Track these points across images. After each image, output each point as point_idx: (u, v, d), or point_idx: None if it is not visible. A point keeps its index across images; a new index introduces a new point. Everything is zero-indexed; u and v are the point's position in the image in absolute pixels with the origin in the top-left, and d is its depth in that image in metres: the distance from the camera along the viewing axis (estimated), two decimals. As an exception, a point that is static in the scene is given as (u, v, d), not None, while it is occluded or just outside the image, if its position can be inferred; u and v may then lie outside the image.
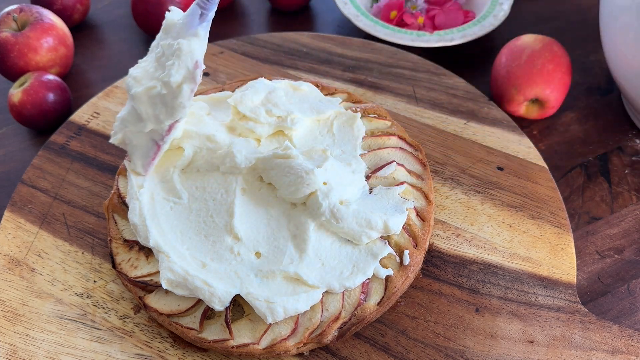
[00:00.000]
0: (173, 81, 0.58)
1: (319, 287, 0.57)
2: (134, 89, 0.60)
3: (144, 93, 0.60)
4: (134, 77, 0.61)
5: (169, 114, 0.60)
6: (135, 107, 0.61)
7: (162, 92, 0.59)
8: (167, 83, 0.58)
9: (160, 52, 0.60)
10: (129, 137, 0.63)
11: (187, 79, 0.58)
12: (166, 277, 0.57)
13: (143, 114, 0.61)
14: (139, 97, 0.60)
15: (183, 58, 0.58)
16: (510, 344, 0.58)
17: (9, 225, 0.68)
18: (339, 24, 0.99)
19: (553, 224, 0.66)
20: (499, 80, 0.79)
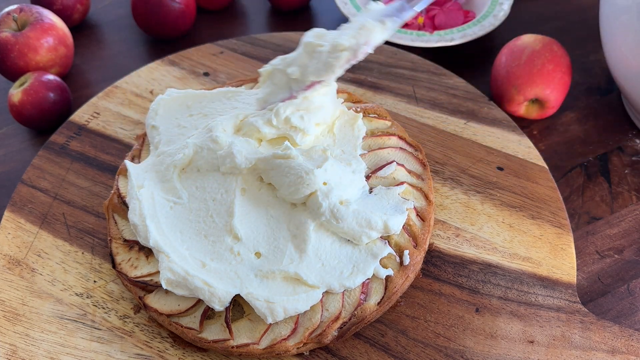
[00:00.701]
0: (340, 42, 0.62)
1: (319, 287, 0.57)
2: (309, 39, 0.65)
3: (313, 45, 0.64)
4: (317, 34, 0.65)
5: (318, 71, 0.63)
6: (300, 53, 0.65)
7: (325, 50, 0.63)
8: (334, 44, 0.62)
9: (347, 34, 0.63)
10: (275, 74, 0.67)
11: (351, 48, 0.62)
12: (166, 277, 0.57)
13: (298, 61, 0.65)
14: (307, 45, 0.64)
15: (361, 32, 0.62)
16: (510, 344, 0.58)
17: (9, 225, 0.68)
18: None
19: (553, 224, 0.66)
20: (499, 80, 0.79)
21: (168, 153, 0.67)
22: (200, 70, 0.85)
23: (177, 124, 0.70)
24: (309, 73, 0.64)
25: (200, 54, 0.87)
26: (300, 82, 0.65)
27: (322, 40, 0.64)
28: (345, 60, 0.62)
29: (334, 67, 0.62)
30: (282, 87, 0.67)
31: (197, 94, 0.73)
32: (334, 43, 0.62)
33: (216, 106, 0.71)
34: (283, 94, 0.67)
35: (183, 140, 0.67)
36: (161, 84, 0.83)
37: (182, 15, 0.92)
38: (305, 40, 0.65)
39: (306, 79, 0.64)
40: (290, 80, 0.66)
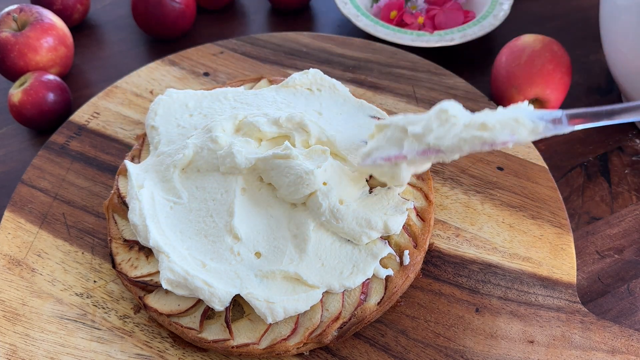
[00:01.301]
0: (485, 122, 0.52)
1: (319, 287, 0.57)
2: (447, 107, 0.55)
3: (449, 114, 0.54)
4: (456, 107, 0.56)
5: (442, 140, 0.54)
6: (430, 116, 0.56)
7: (462, 123, 0.54)
8: (477, 120, 0.53)
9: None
10: (392, 129, 0.59)
11: (492, 132, 0.52)
12: (166, 277, 0.57)
13: (425, 123, 0.56)
14: (442, 113, 0.55)
15: (511, 123, 0.52)
16: (510, 344, 0.58)
17: (9, 225, 0.68)
18: (339, 24, 0.99)
19: (553, 224, 0.66)
20: (499, 80, 0.79)
21: (168, 153, 0.67)
22: (200, 70, 0.85)
23: (177, 124, 0.70)
24: (433, 137, 0.54)
25: (200, 54, 0.87)
26: (417, 143, 0.56)
27: (460, 114, 0.55)
28: (480, 142, 0.52)
29: (464, 144, 0.53)
30: (394, 143, 0.58)
31: (196, 94, 0.73)
32: (478, 119, 0.53)
33: (216, 106, 0.71)
34: (392, 150, 0.58)
35: (183, 141, 0.67)
36: (161, 84, 0.83)
37: (182, 15, 0.92)
38: (441, 107, 0.55)
39: (426, 142, 0.55)
40: (407, 139, 0.57)
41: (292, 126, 0.65)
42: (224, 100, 0.72)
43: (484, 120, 0.53)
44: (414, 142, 0.56)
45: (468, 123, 0.53)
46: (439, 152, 0.55)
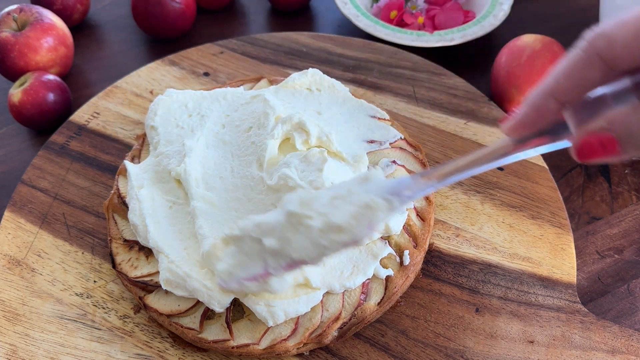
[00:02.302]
0: (335, 222, 0.46)
1: (320, 288, 0.57)
2: (293, 207, 0.47)
3: (299, 217, 0.47)
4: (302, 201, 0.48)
5: (304, 250, 0.47)
6: (281, 222, 0.48)
7: (317, 226, 0.46)
8: (329, 223, 0.46)
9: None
10: (246, 241, 0.50)
11: (349, 231, 0.46)
12: (165, 277, 0.57)
13: (278, 232, 0.48)
14: (292, 216, 0.47)
15: (363, 211, 0.46)
16: (510, 344, 0.58)
17: (9, 225, 0.68)
18: (339, 24, 0.99)
19: (553, 224, 0.66)
20: (499, 80, 0.79)
21: (166, 154, 0.67)
22: (200, 70, 0.85)
23: (176, 124, 0.70)
24: (293, 250, 0.47)
25: (200, 54, 0.87)
26: (279, 257, 0.48)
27: (310, 209, 0.47)
28: (342, 244, 0.46)
29: (326, 251, 0.46)
30: (254, 258, 0.50)
31: (196, 94, 0.73)
32: (328, 221, 0.46)
33: (214, 107, 0.71)
34: (254, 267, 0.50)
35: (181, 141, 0.67)
36: (161, 84, 0.83)
37: (182, 15, 0.92)
38: (288, 209, 0.47)
39: (288, 256, 0.48)
40: (266, 253, 0.49)
41: (292, 127, 0.65)
42: (223, 100, 0.72)
43: (334, 221, 0.45)
44: (276, 257, 0.48)
45: (321, 227, 0.46)
46: (306, 262, 0.48)
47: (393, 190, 0.46)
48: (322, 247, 0.47)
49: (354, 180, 0.48)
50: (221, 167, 0.65)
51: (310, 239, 0.47)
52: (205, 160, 0.65)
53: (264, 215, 0.50)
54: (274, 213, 0.49)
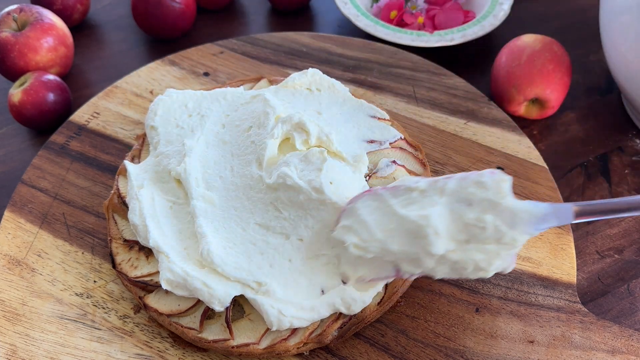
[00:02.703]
0: (485, 266, 0.49)
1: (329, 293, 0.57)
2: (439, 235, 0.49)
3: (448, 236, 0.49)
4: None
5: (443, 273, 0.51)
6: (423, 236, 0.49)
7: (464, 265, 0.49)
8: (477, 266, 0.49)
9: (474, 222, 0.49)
10: (375, 245, 0.52)
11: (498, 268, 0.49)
12: (166, 277, 0.57)
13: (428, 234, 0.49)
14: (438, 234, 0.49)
15: (511, 252, 0.49)
16: (510, 344, 0.58)
17: (9, 225, 0.68)
18: (339, 24, 0.99)
19: (553, 224, 0.66)
20: (499, 80, 0.79)
21: (167, 154, 0.67)
22: (200, 70, 0.85)
23: (176, 124, 0.70)
24: (431, 270, 0.51)
25: (200, 54, 0.87)
26: (413, 269, 0.52)
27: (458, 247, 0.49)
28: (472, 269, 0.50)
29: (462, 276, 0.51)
30: (382, 265, 0.53)
31: (196, 94, 0.73)
32: (476, 266, 0.49)
33: (214, 107, 0.71)
34: (385, 271, 0.54)
35: (181, 141, 0.67)
36: (161, 84, 0.83)
37: (182, 15, 0.92)
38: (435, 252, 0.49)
39: (424, 271, 0.51)
40: (399, 263, 0.52)
41: (292, 126, 0.65)
42: (222, 100, 0.72)
43: (482, 267, 0.49)
44: (410, 268, 0.52)
45: (470, 271, 0.50)
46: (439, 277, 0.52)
47: (538, 224, 0.48)
48: (464, 276, 0.50)
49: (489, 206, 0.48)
50: (221, 166, 0.65)
51: (452, 269, 0.50)
52: (205, 160, 0.65)
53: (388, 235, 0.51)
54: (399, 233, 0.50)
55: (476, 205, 0.48)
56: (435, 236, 0.48)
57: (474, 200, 0.48)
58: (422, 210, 0.50)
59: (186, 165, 0.63)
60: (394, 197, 0.52)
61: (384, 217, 0.52)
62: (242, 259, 0.58)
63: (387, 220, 0.51)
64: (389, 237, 0.51)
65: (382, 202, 0.52)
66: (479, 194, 0.48)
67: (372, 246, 0.52)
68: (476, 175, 0.49)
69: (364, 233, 0.52)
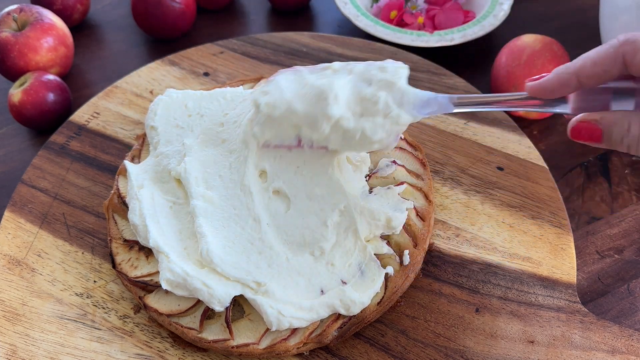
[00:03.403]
0: (370, 136, 0.55)
1: (330, 292, 0.57)
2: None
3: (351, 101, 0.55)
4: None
5: (336, 142, 0.57)
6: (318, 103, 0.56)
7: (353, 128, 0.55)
8: (364, 136, 0.55)
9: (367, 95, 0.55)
10: (283, 103, 0.58)
11: (380, 143, 0.55)
12: (166, 277, 0.57)
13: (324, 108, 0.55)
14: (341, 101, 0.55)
15: (392, 127, 0.55)
16: (510, 344, 0.58)
17: (9, 225, 0.68)
18: (339, 24, 0.99)
19: (553, 224, 0.66)
20: (499, 80, 0.79)
21: (166, 154, 0.67)
22: (200, 70, 0.85)
23: (176, 124, 0.70)
24: (326, 139, 0.57)
25: (200, 54, 0.87)
26: (312, 137, 0.58)
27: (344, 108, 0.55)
28: (371, 149, 0.56)
29: (356, 149, 0.57)
30: (288, 129, 0.59)
31: (195, 94, 0.73)
32: (364, 134, 0.55)
33: (214, 106, 0.71)
34: (288, 138, 0.60)
35: (181, 141, 0.67)
36: (161, 84, 0.83)
37: (182, 15, 0.92)
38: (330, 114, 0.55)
39: (321, 140, 0.57)
40: (300, 129, 0.58)
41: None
42: (222, 100, 0.72)
43: (370, 137, 0.55)
44: (309, 136, 0.58)
45: (358, 137, 0.55)
46: (335, 150, 0.58)
47: (422, 106, 0.55)
48: (352, 147, 0.57)
49: (385, 85, 0.55)
50: (220, 165, 0.65)
51: (343, 138, 0.56)
52: (205, 159, 0.65)
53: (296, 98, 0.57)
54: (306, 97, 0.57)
55: (375, 84, 0.55)
56: (334, 100, 0.55)
57: (374, 80, 0.55)
58: (329, 80, 0.57)
59: (186, 164, 0.63)
60: (310, 72, 0.59)
61: (297, 85, 0.58)
62: (241, 259, 0.58)
63: (299, 87, 0.58)
64: (296, 98, 0.57)
65: (298, 75, 0.59)
66: (379, 75, 0.55)
67: (280, 105, 0.57)
68: (381, 62, 0.57)
69: (276, 94, 0.58)
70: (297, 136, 0.59)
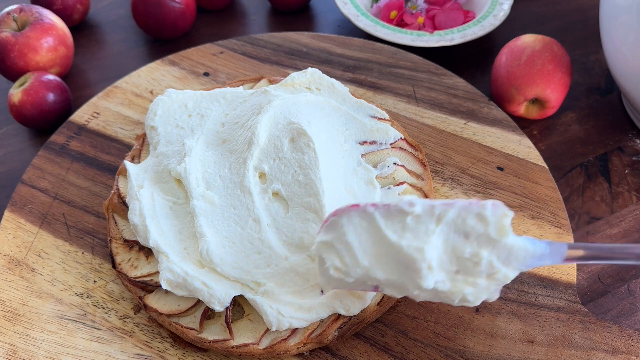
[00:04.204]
0: (473, 300, 0.47)
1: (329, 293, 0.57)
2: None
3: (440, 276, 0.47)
4: None
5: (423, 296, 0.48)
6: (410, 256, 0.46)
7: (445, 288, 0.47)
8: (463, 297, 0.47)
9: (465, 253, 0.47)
10: (358, 271, 0.49)
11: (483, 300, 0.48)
12: (165, 277, 0.57)
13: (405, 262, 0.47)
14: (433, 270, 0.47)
15: (498, 286, 0.47)
16: (510, 344, 0.58)
17: (9, 225, 0.68)
18: (339, 24, 0.99)
19: (553, 224, 0.66)
20: (499, 80, 0.79)
21: (166, 154, 0.67)
22: (200, 70, 0.85)
23: (176, 124, 0.70)
24: (411, 293, 0.48)
25: (200, 54, 0.87)
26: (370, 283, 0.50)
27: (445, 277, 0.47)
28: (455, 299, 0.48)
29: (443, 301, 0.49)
30: (362, 286, 0.51)
31: (195, 94, 0.73)
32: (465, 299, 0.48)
33: (214, 106, 0.71)
34: (363, 287, 0.51)
35: (181, 141, 0.67)
36: (161, 84, 0.83)
37: (182, 15, 0.92)
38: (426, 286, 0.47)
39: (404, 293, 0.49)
40: (378, 283, 0.49)
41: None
42: (222, 100, 0.72)
43: (468, 299, 0.47)
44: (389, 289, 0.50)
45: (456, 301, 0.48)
46: None
47: (532, 261, 0.46)
48: (447, 302, 0.48)
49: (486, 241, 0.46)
50: (220, 165, 0.65)
51: (437, 296, 0.48)
52: (205, 160, 0.65)
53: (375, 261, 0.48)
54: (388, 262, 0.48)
55: (474, 239, 0.46)
56: (428, 270, 0.46)
57: (472, 234, 0.46)
58: (417, 241, 0.46)
59: (186, 164, 0.63)
60: (385, 219, 0.47)
61: (372, 241, 0.48)
62: (241, 259, 0.58)
63: (376, 244, 0.47)
64: (375, 263, 0.48)
65: (371, 223, 0.47)
66: (479, 228, 0.46)
67: (354, 272, 0.48)
68: (478, 207, 0.46)
69: (347, 256, 0.48)
70: (375, 287, 0.50)
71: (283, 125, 0.64)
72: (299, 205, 0.60)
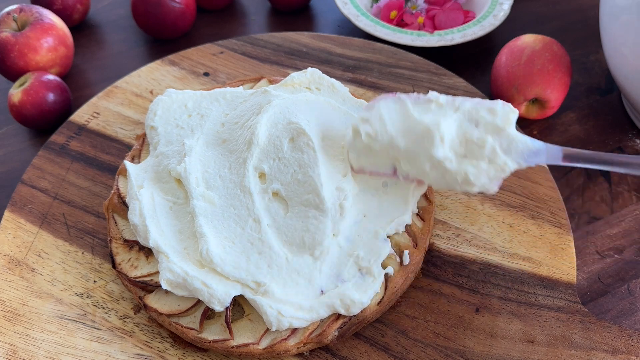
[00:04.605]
0: (469, 180, 0.54)
1: (329, 294, 0.57)
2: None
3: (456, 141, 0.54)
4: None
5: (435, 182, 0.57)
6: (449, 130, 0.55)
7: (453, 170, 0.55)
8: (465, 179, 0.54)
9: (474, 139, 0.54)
10: (385, 137, 0.57)
11: (482, 187, 0.55)
12: (166, 277, 0.57)
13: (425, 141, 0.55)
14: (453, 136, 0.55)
15: (497, 175, 0.54)
16: (510, 344, 0.58)
17: (9, 225, 0.68)
18: (339, 24, 0.99)
19: (553, 224, 0.66)
20: (499, 80, 0.79)
21: (166, 154, 0.67)
22: (200, 70, 0.85)
23: (176, 124, 0.70)
24: (424, 175, 0.57)
25: (200, 54, 0.87)
26: (408, 171, 0.58)
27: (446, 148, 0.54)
28: (469, 190, 0.55)
29: (453, 188, 0.56)
30: (384, 159, 0.59)
31: (195, 94, 0.73)
32: (465, 177, 0.54)
33: (214, 107, 0.71)
34: (384, 166, 0.59)
35: (181, 141, 0.67)
36: (161, 84, 0.83)
37: (182, 15, 0.92)
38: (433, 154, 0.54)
39: (417, 175, 0.57)
40: (397, 161, 0.58)
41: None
42: (222, 100, 0.72)
43: (472, 181, 0.54)
44: (405, 169, 0.58)
45: (459, 179, 0.55)
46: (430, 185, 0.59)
47: (529, 155, 0.54)
48: (451, 186, 0.56)
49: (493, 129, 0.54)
50: (220, 165, 0.65)
51: (443, 177, 0.55)
52: (205, 159, 0.65)
53: (399, 132, 0.56)
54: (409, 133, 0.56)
55: (482, 127, 0.54)
56: (440, 141, 0.54)
57: (482, 122, 0.54)
58: (436, 119, 0.55)
59: (186, 164, 0.63)
60: (414, 104, 0.57)
61: (400, 117, 0.57)
62: (241, 258, 0.58)
63: (402, 120, 0.56)
64: (399, 134, 0.56)
65: (402, 106, 0.57)
66: (488, 117, 0.54)
67: (382, 138, 0.57)
68: (491, 103, 0.55)
69: (378, 125, 0.57)
70: (394, 166, 0.59)
71: (283, 125, 0.64)
72: (299, 204, 0.60)
